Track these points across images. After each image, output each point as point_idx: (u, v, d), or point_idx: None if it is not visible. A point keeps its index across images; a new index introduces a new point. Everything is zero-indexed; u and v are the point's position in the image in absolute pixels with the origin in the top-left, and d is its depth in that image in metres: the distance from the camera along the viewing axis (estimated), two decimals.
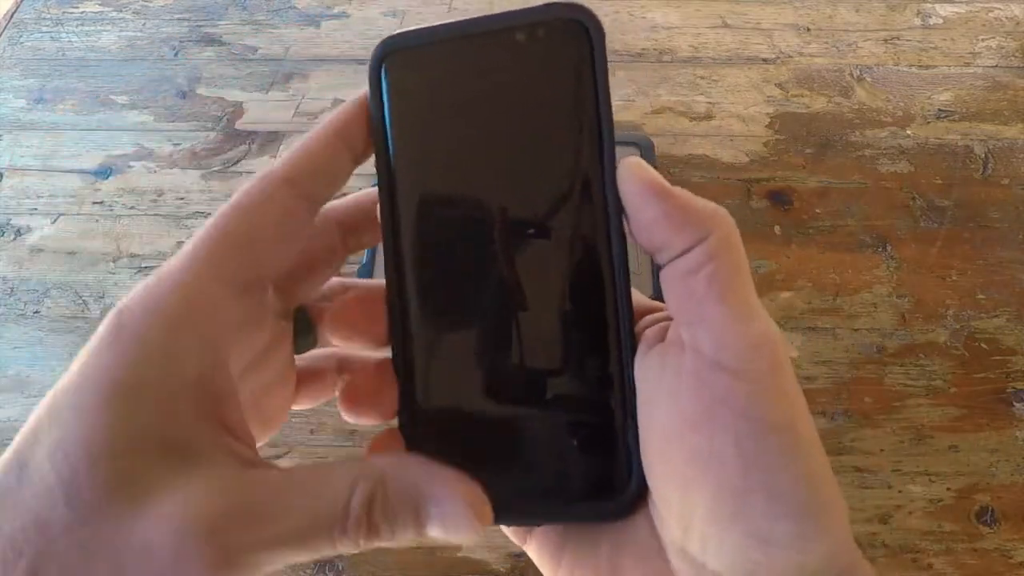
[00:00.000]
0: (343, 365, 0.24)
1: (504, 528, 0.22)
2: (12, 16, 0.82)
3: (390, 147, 0.21)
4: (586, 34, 0.19)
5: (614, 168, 0.19)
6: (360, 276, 0.59)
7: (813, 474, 0.18)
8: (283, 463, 0.52)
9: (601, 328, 0.19)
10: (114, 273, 0.62)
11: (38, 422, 0.17)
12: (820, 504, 0.18)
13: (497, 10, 0.20)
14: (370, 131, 0.22)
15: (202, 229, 0.18)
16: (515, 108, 0.20)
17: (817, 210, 0.64)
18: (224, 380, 0.17)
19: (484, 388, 0.19)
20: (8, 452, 0.17)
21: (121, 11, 0.82)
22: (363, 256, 0.60)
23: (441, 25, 0.21)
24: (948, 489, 0.51)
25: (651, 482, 0.19)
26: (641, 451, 0.19)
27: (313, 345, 0.23)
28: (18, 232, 0.65)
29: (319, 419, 0.54)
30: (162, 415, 0.16)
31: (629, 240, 0.20)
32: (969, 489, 0.50)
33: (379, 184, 0.21)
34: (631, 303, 0.20)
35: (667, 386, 0.19)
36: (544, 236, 0.19)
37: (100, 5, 0.83)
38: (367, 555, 0.49)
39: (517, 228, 0.19)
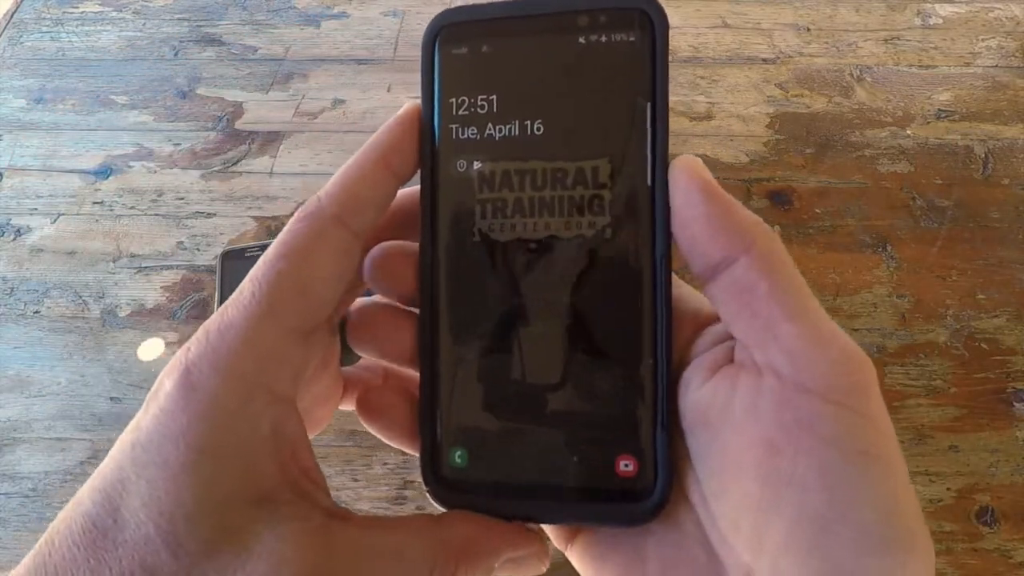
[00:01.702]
0: (389, 374, 0.24)
1: (547, 530, 0.22)
2: (12, 16, 0.82)
3: (436, 124, 0.21)
4: (650, 24, 0.19)
5: (666, 164, 0.19)
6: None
7: (902, 509, 0.17)
8: None
9: (637, 336, 0.19)
10: (114, 273, 0.62)
11: (121, 471, 0.17)
12: (908, 542, 0.17)
13: None
14: (421, 106, 0.21)
15: (258, 271, 0.19)
16: (570, 93, 0.19)
17: (817, 210, 0.64)
18: (295, 426, 0.18)
19: (511, 395, 0.19)
20: (92, 489, 0.17)
21: (121, 11, 0.82)
22: None
23: (500, 2, 0.20)
24: (948, 489, 0.51)
25: (719, 506, 0.18)
26: (710, 474, 0.19)
27: (358, 358, 0.23)
28: (18, 232, 0.65)
29: None
30: (246, 473, 0.17)
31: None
32: (969, 489, 0.50)
33: (422, 167, 0.21)
34: (671, 311, 0.19)
35: (742, 408, 0.18)
36: (589, 231, 0.19)
37: (100, 5, 0.83)
38: None
39: (562, 218, 0.19)
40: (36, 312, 0.60)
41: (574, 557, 0.21)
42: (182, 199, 0.66)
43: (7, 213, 0.66)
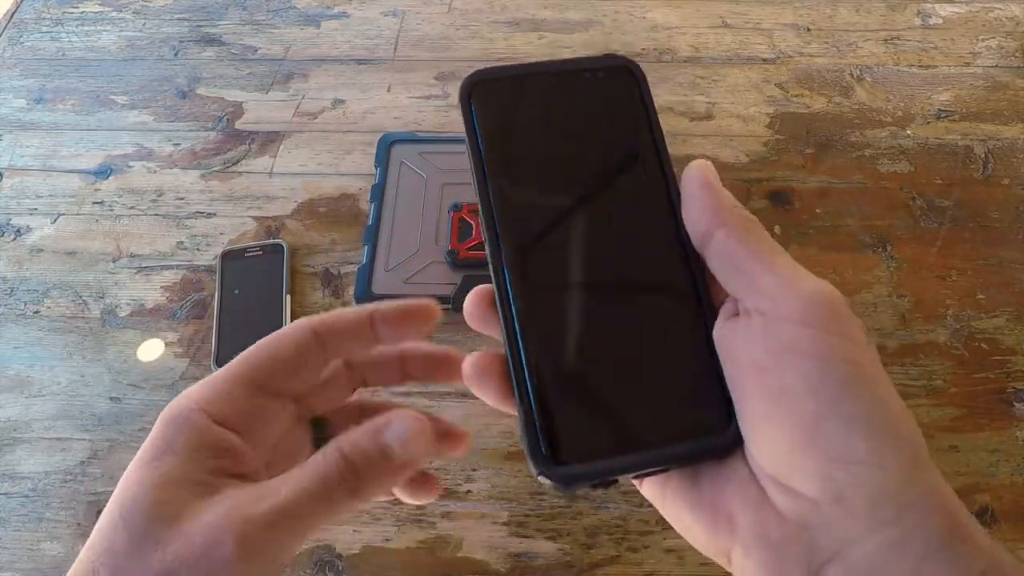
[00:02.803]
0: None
1: (643, 489, 0.24)
2: (12, 16, 0.82)
3: (483, 160, 0.25)
4: (633, 76, 0.25)
5: (673, 172, 0.24)
6: (359, 276, 0.59)
7: (879, 397, 0.20)
8: None
9: (689, 306, 0.23)
10: (114, 273, 0.62)
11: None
12: (890, 421, 0.19)
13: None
14: (467, 146, 0.26)
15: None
16: (586, 128, 0.25)
17: (817, 210, 0.64)
18: (239, 447, 0.24)
19: (599, 372, 0.22)
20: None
21: (121, 11, 0.82)
22: (363, 257, 0.60)
23: (518, 64, 0.26)
24: None
25: (742, 426, 0.22)
26: (733, 402, 0.22)
27: None
28: (18, 232, 0.65)
29: None
30: (190, 467, 0.23)
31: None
32: (969, 489, 0.50)
33: (479, 196, 0.25)
34: (707, 281, 0.24)
35: (741, 345, 0.22)
36: (630, 229, 0.24)
37: (100, 5, 0.83)
38: (367, 555, 0.49)
39: (607, 225, 0.24)
40: (36, 312, 0.60)
41: (667, 510, 0.24)
42: (182, 199, 0.66)
43: (7, 213, 0.66)
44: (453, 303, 0.57)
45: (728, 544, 0.21)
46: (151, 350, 0.57)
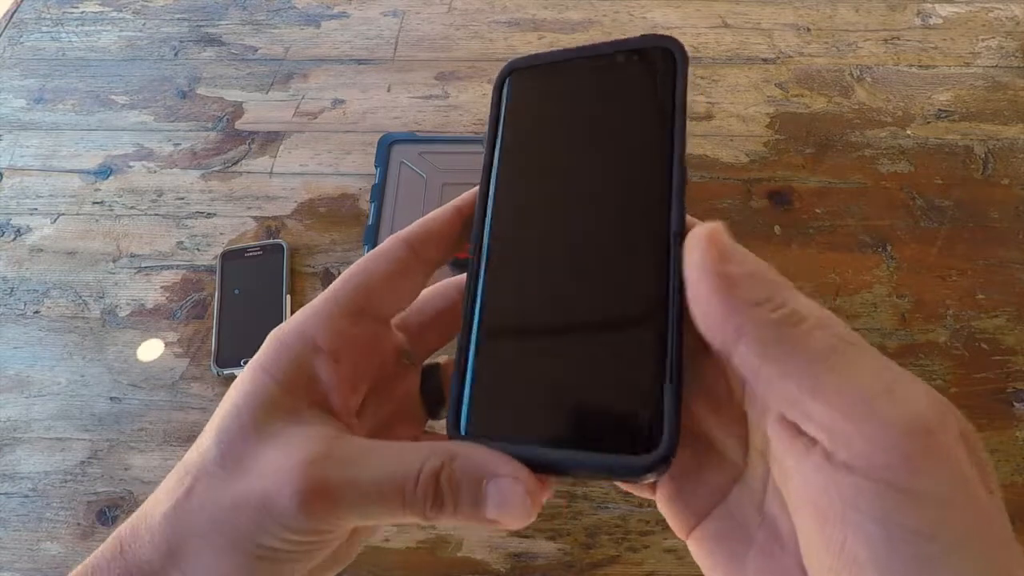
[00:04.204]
0: None
1: (668, 517, 0.22)
2: (12, 16, 0.82)
3: (498, 141, 0.24)
4: (672, 58, 0.23)
5: (684, 163, 0.22)
6: None
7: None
8: None
9: (654, 316, 0.20)
10: (114, 273, 0.62)
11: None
12: None
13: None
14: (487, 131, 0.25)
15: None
16: (600, 116, 0.24)
17: (817, 210, 0.64)
18: (330, 374, 0.23)
19: (529, 352, 0.22)
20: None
21: (121, 11, 0.82)
22: (363, 252, 0.60)
23: (556, 50, 0.25)
24: None
25: (799, 537, 0.19)
26: (791, 507, 0.19)
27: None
28: (18, 232, 0.65)
29: None
30: (284, 393, 0.22)
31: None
32: None
33: (482, 175, 0.24)
34: (681, 274, 0.20)
35: (795, 465, 0.18)
36: (613, 221, 0.22)
37: (100, 5, 0.83)
38: (367, 555, 0.49)
39: (591, 216, 0.23)
40: (36, 312, 0.60)
41: (692, 546, 0.22)
42: (182, 199, 0.66)
43: (7, 213, 0.66)
44: None
45: None
46: (151, 350, 0.57)
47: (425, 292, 0.27)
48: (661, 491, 0.22)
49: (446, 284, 0.27)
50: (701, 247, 0.19)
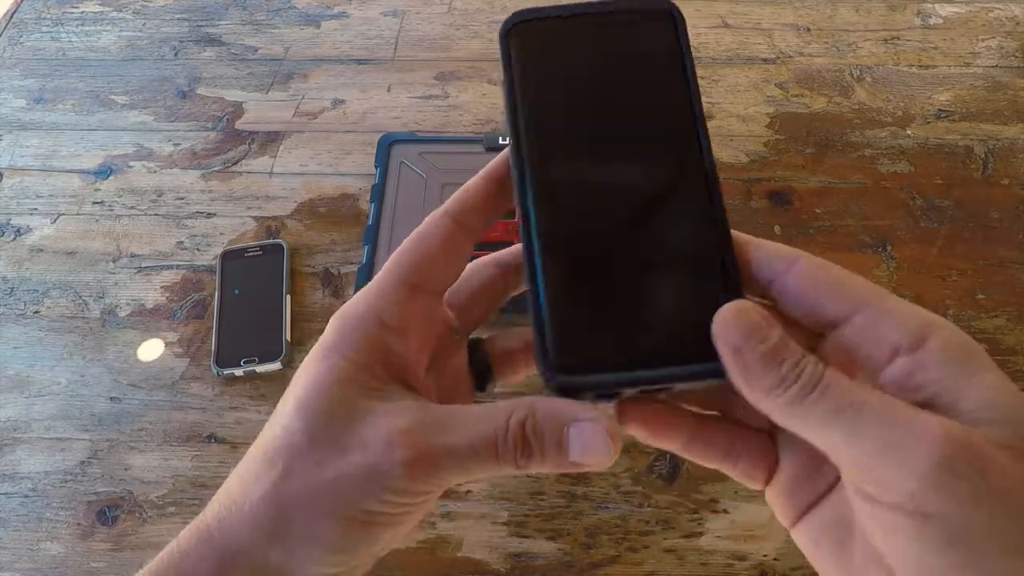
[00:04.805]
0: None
1: (775, 508, 0.24)
2: (12, 16, 0.82)
3: (517, 98, 0.25)
4: (672, 18, 0.26)
5: (703, 113, 0.25)
6: (359, 276, 0.59)
7: None
8: None
9: (710, 234, 0.23)
10: (114, 273, 0.62)
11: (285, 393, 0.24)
12: None
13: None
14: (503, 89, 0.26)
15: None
16: (620, 68, 0.25)
17: (817, 210, 0.64)
18: (403, 347, 0.24)
19: (619, 277, 0.23)
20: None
21: (121, 11, 0.82)
22: (363, 257, 0.60)
23: (558, 5, 0.26)
24: None
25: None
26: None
27: (495, 387, 0.28)
28: (18, 232, 0.65)
29: None
30: (360, 367, 0.23)
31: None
32: None
33: (509, 131, 0.25)
34: (725, 212, 0.23)
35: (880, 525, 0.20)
36: (653, 160, 0.24)
37: (100, 5, 0.83)
38: None
39: (633, 158, 0.24)
40: (36, 312, 0.60)
41: (796, 535, 0.23)
42: (182, 199, 0.66)
43: (7, 213, 0.66)
44: None
45: None
46: (151, 350, 0.57)
47: (464, 269, 0.27)
48: (771, 487, 0.24)
49: (483, 261, 0.28)
50: (722, 337, 0.21)
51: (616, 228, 0.23)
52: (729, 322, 0.20)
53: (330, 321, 0.24)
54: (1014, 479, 0.17)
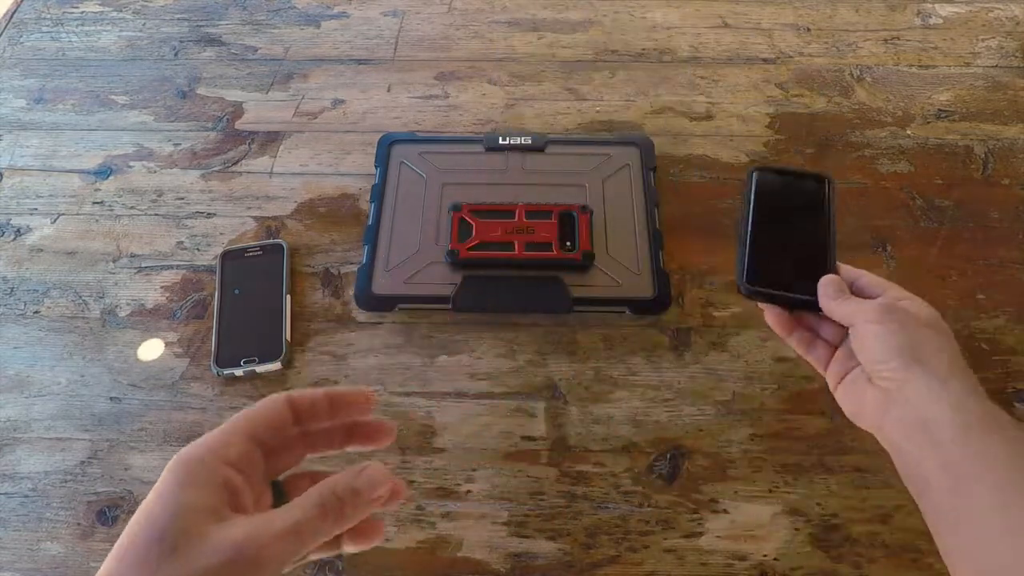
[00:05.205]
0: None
1: (828, 379, 0.42)
2: (12, 16, 0.82)
3: (751, 211, 0.46)
4: (829, 184, 0.46)
5: (835, 227, 0.45)
6: (359, 276, 0.59)
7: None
8: None
9: (823, 248, 0.44)
10: (114, 273, 0.62)
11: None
12: (944, 325, 0.38)
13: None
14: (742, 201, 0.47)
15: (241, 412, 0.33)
16: (802, 210, 0.46)
17: None
18: (239, 484, 0.30)
19: (782, 251, 0.45)
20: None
21: (121, 11, 0.82)
22: (363, 257, 0.60)
23: (781, 166, 0.50)
24: None
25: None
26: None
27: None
28: (18, 232, 0.65)
29: None
30: (206, 498, 0.29)
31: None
32: None
33: (744, 210, 0.46)
34: (836, 241, 0.45)
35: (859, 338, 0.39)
36: (812, 236, 0.45)
37: (100, 5, 0.83)
38: (367, 555, 0.49)
39: (801, 236, 0.45)
40: (36, 312, 0.60)
41: (839, 394, 0.40)
42: (182, 199, 0.66)
43: (7, 213, 0.66)
44: (453, 303, 0.57)
45: (877, 413, 0.38)
46: (151, 350, 0.57)
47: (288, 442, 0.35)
48: (828, 370, 0.41)
49: (294, 437, 0.34)
50: (823, 289, 0.41)
51: (789, 251, 0.45)
52: (825, 280, 0.41)
53: (171, 463, 0.30)
54: (907, 310, 0.38)
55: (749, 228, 0.46)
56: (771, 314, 0.44)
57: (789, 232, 0.46)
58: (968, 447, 0.33)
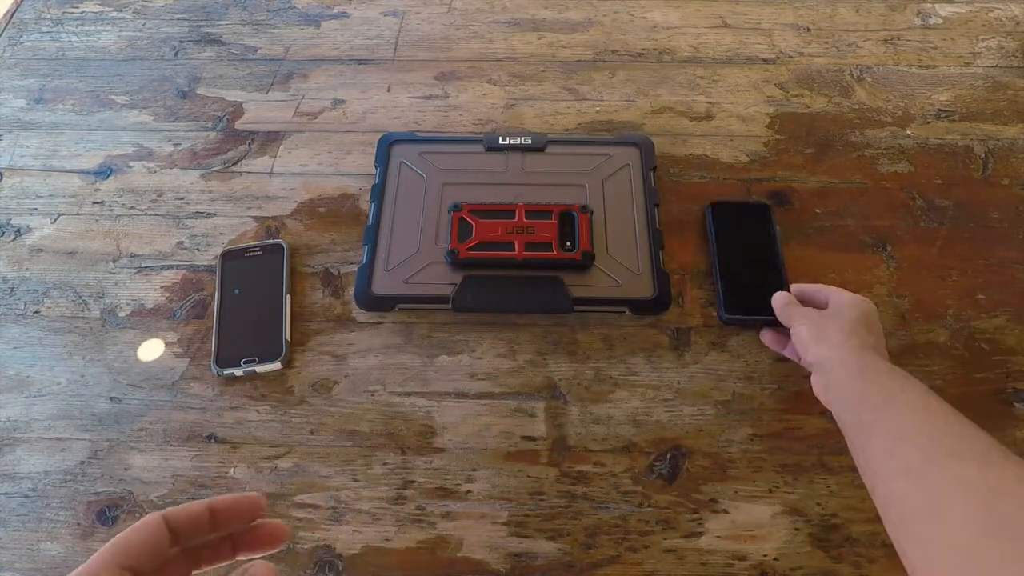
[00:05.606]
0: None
1: (792, 356, 0.54)
2: (12, 16, 0.82)
3: (715, 247, 0.59)
4: (768, 208, 0.61)
5: (781, 247, 0.59)
6: (359, 276, 0.59)
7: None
8: (282, 463, 0.52)
9: (777, 270, 0.57)
10: (114, 273, 0.62)
11: None
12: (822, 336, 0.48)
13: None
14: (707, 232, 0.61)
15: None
16: (754, 236, 0.59)
17: (817, 210, 0.64)
18: None
19: (745, 282, 0.57)
20: None
21: (121, 11, 0.82)
22: (363, 257, 0.60)
23: (733, 199, 0.64)
24: None
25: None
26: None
27: None
28: (18, 232, 0.65)
29: (319, 419, 0.54)
30: None
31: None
32: None
33: (712, 250, 0.60)
34: (787, 277, 0.57)
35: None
36: (761, 260, 0.58)
37: (100, 5, 0.83)
38: (367, 555, 0.49)
39: (757, 258, 0.59)
40: (36, 312, 0.60)
41: (814, 391, 0.48)
42: (182, 199, 0.66)
43: (7, 213, 0.66)
44: (453, 303, 0.57)
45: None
46: (151, 350, 0.57)
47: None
48: (788, 351, 0.54)
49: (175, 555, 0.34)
50: (773, 305, 0.53)
51: (750, 271, 0.57)
52: (774, 298, 0.52)
53: None
54: (845, 314, 0.48)
55: (716, 264, 0.58)
56: (766, 336, 0.55)
57: (749, 261, 0.58)
58: (848, 396, 0.44)
